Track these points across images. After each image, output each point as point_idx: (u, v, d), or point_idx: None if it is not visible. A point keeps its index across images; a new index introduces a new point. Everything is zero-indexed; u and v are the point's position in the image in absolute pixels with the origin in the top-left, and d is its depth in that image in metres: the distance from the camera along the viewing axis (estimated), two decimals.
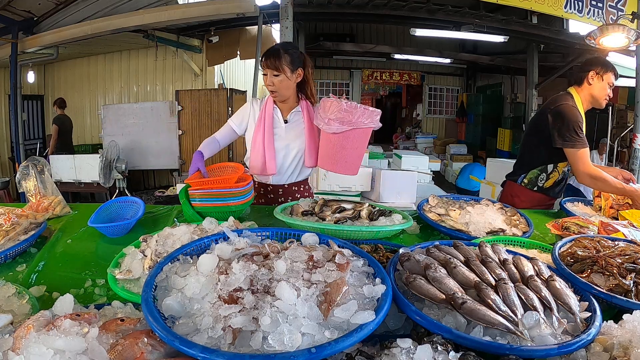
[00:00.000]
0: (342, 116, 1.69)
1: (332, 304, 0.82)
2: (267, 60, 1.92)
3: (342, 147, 1.76)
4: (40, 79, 8.02)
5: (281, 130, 2.05)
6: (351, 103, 1.71)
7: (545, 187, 2.31)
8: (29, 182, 1.79)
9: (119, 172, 5.36)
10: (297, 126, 2.06)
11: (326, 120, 1.71)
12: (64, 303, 0.90)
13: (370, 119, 1.74)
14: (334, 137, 1.74)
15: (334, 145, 1.77)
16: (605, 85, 2.12)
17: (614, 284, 1.08)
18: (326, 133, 1.76)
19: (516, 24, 6.08)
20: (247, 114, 2.07)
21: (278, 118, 2.06)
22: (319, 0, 5.75)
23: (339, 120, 1.69)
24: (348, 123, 1.70)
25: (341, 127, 1.70)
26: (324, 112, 1.73)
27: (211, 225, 1.33)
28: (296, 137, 2.06)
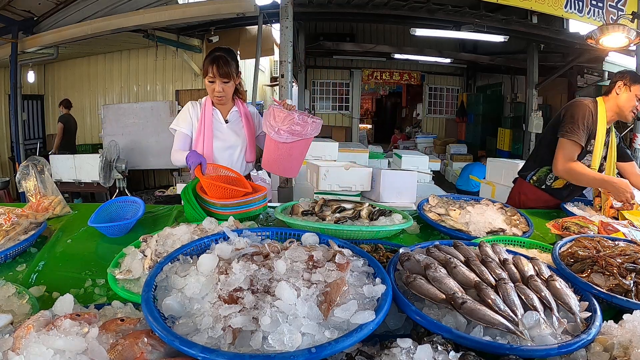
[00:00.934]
0: (293, 128, 1.81)
1: (332, 303, 0.82)
2: (219, 69, 1.98)
3: (290, 154, 1.91)
4: (40, 78, 8.01)
5: (223, 130, 2.14)
6: (302, 115, 1.84)
7: (553, 186, 2.26)
8: (29, 182, 1.79)
9: (119, 172, 5.36)
10: (237, 125, 2.18)
11: (276, 129, 1.80)
12: (64, 303, 0.90)
13: (315, 130, 1.90)
14: (283, 145, 1.86)
15: (282, 152, 1.89)
16: (633, 97, 2.06)
17: (614, 283, 1.08)
18: (274, 140, 1.85)
19: (516, 24, 6.07)
20: (189, 117, 2.09)
21: (218, 119, 2.14)
22: (319, 0, 5.74)
23: (289, 131, 1.81)
24: (297, 134, 1.83)
25: (291, 137, 1.83)
26: (274, 122, 1.81)
27: (211, 225, 1.33)
28: (237, 135, 2.17)
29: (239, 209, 1.64)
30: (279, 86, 3.97)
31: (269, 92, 12.75)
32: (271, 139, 1.87)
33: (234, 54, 2.08)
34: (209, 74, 2.00)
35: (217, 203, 1.64)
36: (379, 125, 15.12)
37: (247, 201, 1.66)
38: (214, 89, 2.02)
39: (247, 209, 1.67)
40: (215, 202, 1.65)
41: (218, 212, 1.64)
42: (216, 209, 1.66)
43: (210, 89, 2.04)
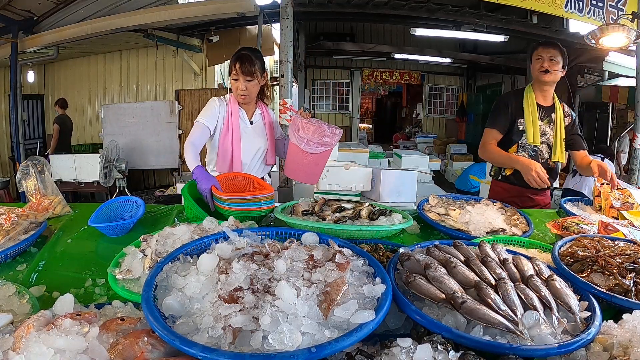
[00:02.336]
0: (324, 140, 1.89)
1: (332, 303, 0.82)
2: (241, 66, 1.99)
3: (317, 163, 2.00)
4: (40, 78, 8.01)
5: (248, 130, 2.14)
6: (330, 127, 1.91)
7: (506, 175, 2.33)
8: (29, 181, 1.79)
9: (119, 172, 5.36)
10: (260, 127, 2.19)
11: (306, 140, 1.88)
12: (64, 302, 0.91)
13: (338, 139, 1.97)
14: (311, 155, 1.93)
15: (310, 162, 1.96)
16: (535, 61, 2.24)
17: (613, 283, 1.08)
18: (302, 150, 1.92)
19: (516, 24, 6.07)
20: (216, 112, 2.06)
21: (244, 119, 2.14)
22: (319, 0, 5.74)
23: (320, 143, 1.89)
24: (327, 145, 1.91)
25: (321, 148, 1.90)
26: (304, 133, 1.88)
27: (211, 225, 1.33)
28: (260, 137, 2.18)
29: (245, 206, 1.61)
30: (279, 86, 3.97)
31: None
32: (298, 148, 1.92)
33: (259, 54, 2.09)
34: (233, 71, 2.01)
35: (225, 198, 1.61)
36: (379, 125, 15.12)
37: (254, 198, 1.61)
38: (237, 87, 2.03)
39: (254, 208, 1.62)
40: (223, 197, 1.61)
41: (224, 208, 1.61)
42: (222, 204, 1.62)
43: (235, 87, 2.04)
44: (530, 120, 2.23)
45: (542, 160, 2.27)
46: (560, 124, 2.27)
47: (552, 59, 2.19)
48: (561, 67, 2.23)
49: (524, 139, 2.26)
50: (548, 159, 2.30)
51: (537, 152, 2.28)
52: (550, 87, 2.28)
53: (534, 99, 2.25)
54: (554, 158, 2.27)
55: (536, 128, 2.23)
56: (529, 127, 2.23)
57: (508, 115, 2.26)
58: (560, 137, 2.27)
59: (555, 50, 2.21)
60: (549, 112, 2.28)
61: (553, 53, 2.20)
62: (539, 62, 2.22)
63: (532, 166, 2.01)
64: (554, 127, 2.27)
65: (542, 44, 2.26)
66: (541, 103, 2.28)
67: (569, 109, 2.34)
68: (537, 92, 2.27)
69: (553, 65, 2.19)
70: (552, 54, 2.20)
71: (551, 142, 2.28)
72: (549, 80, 2.22)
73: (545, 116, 2.28)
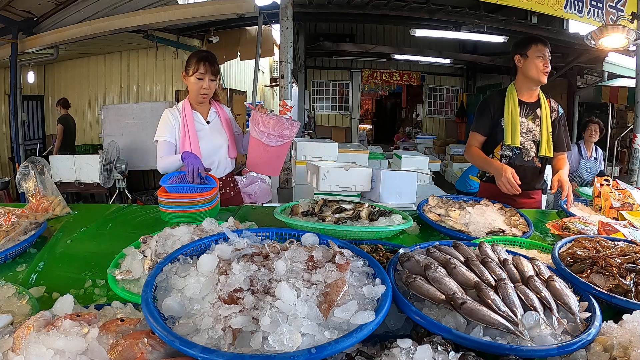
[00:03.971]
0: (284, 132, 1.99)
1: (332, 304, 0.82)
2: (210, 65, 2.06)
3: (278, 155, 2.12)
4: (40, 79, 8.01)
5: (206, 130, 2.18)
6: (290, 120, 2.02)
7: (490, 175, 2.26)
8: (29, 182, 1.79)
9: (119, 173, 5.35)
10: (217, 124, 2.24)
11: (267, 134, 1.98)
12: (64, 303, 0.91)
13: (297, 130, 2.07)
14: (272, 148, 2.03)
15: (271, 154, 2.07)
16: (533, 61, 2.13)
17: (613, 284, 1.08)
18: (263, 143, 2.01)
19: (516, 24, 6.07)
20: (172, 125, 2.11)
21: (200, 121, 2.18)
22: (319, 1, 5.75)
23: (280, 135, 1.99)
24: (287, 137, 2.02)
25: (281, 140, 2.01)
26: (264, 127, 1.97)
27: (211, 226, 1.33)
28: (219, 134, 2.23)
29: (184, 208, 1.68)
30: (278, 87, 3.97)
31: (268, 92, 12.75)
32: (260, 142, 2.00)
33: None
34: (200, 70, 2.04)
35: (163, 201, 1.69)
36: (378, 125, 15.12)
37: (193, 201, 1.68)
38: (201, 86, 2.07)
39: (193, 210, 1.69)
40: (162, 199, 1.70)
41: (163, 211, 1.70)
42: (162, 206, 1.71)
43: (197, 86, 2.08)
44: (509, 122, 2.19)
45: (529, 159, 2.23)
46: (547, 118, 2.20)
47: (549, 59, 2.13)
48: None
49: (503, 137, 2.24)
50: (534, 157, 2.24)
51: (521, 151, 2.23)
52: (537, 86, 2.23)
53: (515, 98, 2.20)
54: (542, 153, 2.20)
55: (516, 129, 2.18)
56: (508, 128, 2.19)
57: (490, 117, 2.24)
58: (547, 131, 2.20)
59: (548, 48, 2.14)
60: (533, 107, 2.22)
61: (549, 52, 2.13)
62: (541, 62, 2.12)
63: (502, 171, 1.97)
64: (539, 123, 2.21)
65: (541, 41, 2.14)
66: (525, 100, 2.22)
67: (556, 105, 2.27)
68: (523, 90, 2.22)
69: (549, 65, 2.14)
70: (549, 54, 2.13)
71: (537, 138, 2.22)
72: (545, 81, 2.16)
73: (529, 112, 2.22)
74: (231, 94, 6.81)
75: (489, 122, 2.25)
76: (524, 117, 2.21)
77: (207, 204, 1.72)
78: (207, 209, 1.72)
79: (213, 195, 1.76)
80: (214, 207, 1.79)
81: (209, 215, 1.63)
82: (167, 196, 1.71)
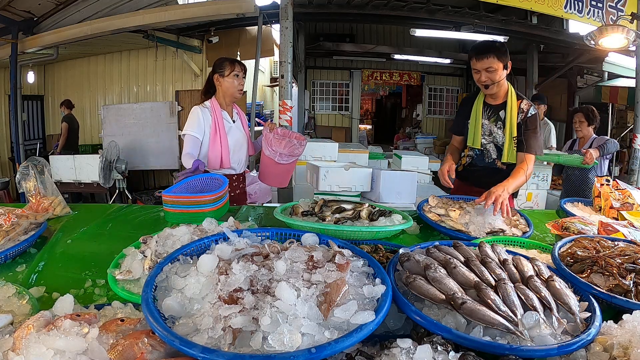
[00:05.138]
0: (294, 151, 2.26)
1: (332, 304, 0.82)
2: (242, 66, 2.30)
3: (287, 170, 2.39)
4: (40, 79, 8.00)
5: (233, 129, 2.36)
6: (300, 140, 2.28)
7: (459, 170, 2.35)
8: (29, 182, 1.79)
9: (119, 173, 5.35)
10: (240, 124, 2.44)
11: (279, 153, 2.22)
12: (64, 303, 0.91)
13: (305, 147, 2.35)
14: (283, 166, 2.28)
15: (282, 170, 2.33)
16: (473, 73, 2.13)
17: (613, 284, 1.08)
18: (275, 161, 2.27)
19: (516, 24, 6.07)
20: (202, 122, 2.25)
21: (227, 119, 2.35)
22: (319, 1, 5.74)
23: (290, 154, 2.25)
24: (296, 155, 2.29)
25: (292, 158, 2.29)
26: (277, 147, 2.22)
27: (211, 226, 1.33)
28: (242, 133, 2.43)
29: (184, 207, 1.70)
30: (278, 87, 3.97)
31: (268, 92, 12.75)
32: (272, 160, 2.25)
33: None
34: (236, 70, 2.26)
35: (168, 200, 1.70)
36: (378, 125, 15.11)
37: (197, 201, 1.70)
38: (239, 83, 2.29)
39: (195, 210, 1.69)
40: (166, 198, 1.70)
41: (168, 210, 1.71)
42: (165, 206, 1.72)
43: (235, 84, 2.28)
44: (472, 123, 2.21)
45: (490, 160, 2.20)
46: (511, 121, 2.10)
47: (489, 69, 2.02)
48: (503, 69, 2.05)
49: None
50: (496, 159, 2.19)
51: (482, 153, 2.22)
52: (499, 90, 2.13)
53: (481, 100, 2.21)
54: (503, 159, 2.13)
55: (477, 131, 2.19)
56: (470, 130, 2.22)
57: (461, 118, 2.29)
58: (510, 136, 2.11)
59: (489, 57, 2.01)
60: (496, 110, 2.16)
61: (488, 63, 2.01)
62: (476, 75, 2.09)
63: (442, 165, 2.14)
64: (502, 126, 2.14)
65: (475, 54, 2.06)
66: (490, 102, 2.19)
67: (527, 106, 2.11)
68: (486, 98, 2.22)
69: (492, 76, 2.03)
70: (488, 64, 2.01)
71: (499, 141, 2.16)
72: (492, 92, 2.12)
73: (492, 115, 2.17)
74: None
75: (460, 123, 2.32)
76: (486, 120, 2.19)
77: (212, 204, 1.71)
78: (213, 209, 1.71)
79: (219, 196, 1.75)
80: (221, 207, 1.78)
81: (216, 215, 1.64)
82: (172, 196, 1.70)
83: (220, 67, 2.27)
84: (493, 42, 2.08)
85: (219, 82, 2.29)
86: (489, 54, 2.01)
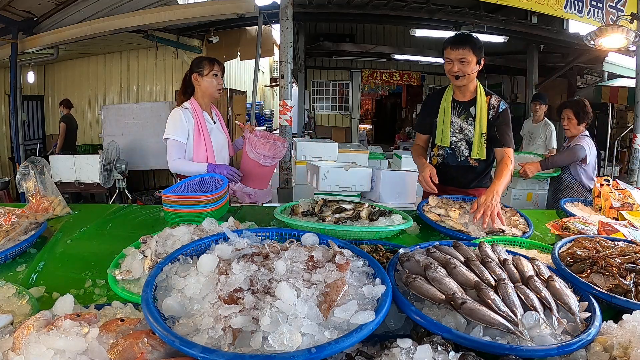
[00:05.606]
0: (277, 154, 2.31)
1: (332, 304, 0.82)
2: (220, 65, 2.26)
3: (269, 172, 2.44)
4: (40, 79, 8.00)
5: (214, 129, 2.35)
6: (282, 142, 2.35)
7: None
8: (29, 182, 1.79)
9: (119, 173, 5.35)
10: (219, 124, 2.42)
11: (263, 156, 2.26)
12: (64, 303, 0.91)
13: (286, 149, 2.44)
14: (267, 167, 2.33)
15: (265, 172, 2.38)
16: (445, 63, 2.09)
17: (613, 284, 1.08)
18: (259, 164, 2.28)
19: (516, 24, 6.08)
20: (184, 124, 2.21)
21: (209, 121, 2.33)
22: (319, 1, 5.75)
23: (274, 156, 2.30)
24: (278, 157, 2.35)
25: (274, 160, 2.33)
26: (261, 150, 2.27)
27: (211, 226, 1.33)
28: (223, 134, 2.42)
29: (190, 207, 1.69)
30: (278, 87, 3.97)
31: (268, 92, 12.74)
32: (257, 163, 2.27)
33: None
34: (214, 69, 2.22)
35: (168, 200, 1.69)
36: (378, 125, 15.11)
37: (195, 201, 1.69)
38: (218, 82, 2.25)
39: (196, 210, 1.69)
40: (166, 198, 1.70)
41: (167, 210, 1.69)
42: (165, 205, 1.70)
43: (214, 83, 2.24)
44: (441, 121, 2.17)
45: (462, 158, 2.18)
46: (481, 117, 2.09)
47: (463, 61, 2.00)
48: (476, 63, 2.03)
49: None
50: (468, 157, 2.17)
51: (454, 151, 2.19)
52: (467, 85, 2.11)
53: (450, 97, 2.16)
54: (473, 155, 2.13)
55: (446, 129, 2.15)
56: (439, 128, 2.17)
57: (427, 116, 2.24)
58: (479, 132, 2.10)
59: (464, 49, 1.99)
60: (467, 106, 2.14)
61: (463, 53, 2.00)
62: (448, 65, 2.06)
63: (421, 171, 2.02)
64: (472, 122, 2.12)
65: (451, 44, 2.04)
66: (459, 99, 2.15)
67: (497, 101, 2.11)
68: (455, 90, 2.17)
69: (464, 67, 2.01)
70: (462, 55, 2.00)
71: (470, 138, 2.14)
72: (461, 84, 2.08)
73: (462, 111, 2.15)
74: (231, 94, 6.81)
75: (427, 121, 2.26)
76: (456, 117, 2.16)
77: (212, 204, 1.70)
78: (213, 209, 1.70)
79: (219, 196, 1.75)
80: (221, 207, 1.78)
81: (216, 215, 1.64)
82: (172, 196, 1.70)
83: (198, 66, 2.23)
84: (470, 35, 2.08)
85: (198, 81, 2.25)
86: (465, 45, 2.00)
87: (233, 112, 6.88)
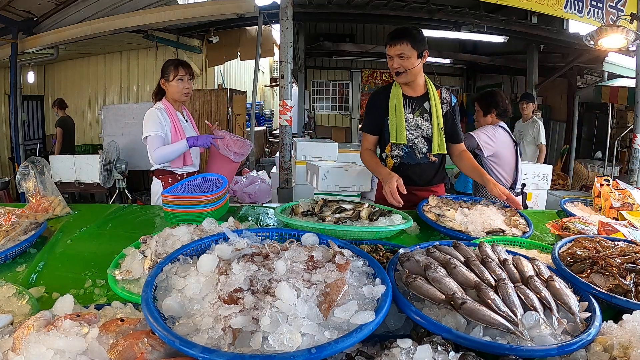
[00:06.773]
0: (244, 150, 2.58)
1: (332, 304, 0.82)
2: (186, 69, 2.35)
3: (237, 167, 2.69)
4: (40, 79, 8.01)
5: (187, 128, 2.47)
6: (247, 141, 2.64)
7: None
8: (29, 182, 1.79)
9: (119, 173, 5.35)
10: (190, 123, 2.56)
11: (233, 152, 2.51)
12: (64, 303, 0.91)
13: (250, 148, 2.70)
14: (235, 163, 2.58)
15: (234, 167, 2.63)
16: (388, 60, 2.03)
17: (613, 284, 1.08)
18: (230, 159, 2.53)
19: (516, 24, 6.07)
20: (162, 122, 2.31)
21: (182, 120, 2.46)
22: (319, 1, 5.75)
23: (242, 152, 2.57)
24: (245, 154, 2.63)
25: (242, 157, 2.61)
26: (232, 147, 2.52)
27: (211, 226, 1.33)
28: (194, 132, 2.54)
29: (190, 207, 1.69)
30: (278, 87, 3.96)
31: (268, 92, 12.74)
32: (229, 159, 2.50)
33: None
34: (180, 73, 2.32)
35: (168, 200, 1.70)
36: None
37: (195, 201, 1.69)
38: (184, 86, 2.36)
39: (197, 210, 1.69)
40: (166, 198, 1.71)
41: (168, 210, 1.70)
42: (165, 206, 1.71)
43: (180, 87, 2.35)
44: (394, 119, 2.07)
45: (421, 155, 2.11)
46: (437, 112, 2.06)
47: (402, 56, 1.95)
48: (417, 57, 1.98)
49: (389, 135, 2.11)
50: (427, 153, 2.12)
51: (412, 149, 2.11)
52: (414, 80, 2.05)
53: (399, 93, 2.08)
54: (434, 150, 2.09)
55: (401, 126, 2.06)
56: (392, 126, 2.07)
57: (376, 115, 2.13)
58: (437, 127, 2.07)
59: (402, 44, 1.94)
60: (420, 102, 2.08)
61: (401, 49, 1.94)
62: (389, 62, 2.01)
63: (386, 181, 1.84)
64: (429, 118, 2.08)
65: (389, 40, 1.98)
66: (409, 94, 2.09)
67: (448, 94, 2.12)
68: (403, 86, 2.09)
69: (404, 62, 1.96)
70: (400, 50, 1.94)
71: (428, 133, 2.09)
72: (404, 80, 2.03)
73: (416, 108, 2.09)
74: (231, 94, 6.82)
75: (376, 121, 2.14)
76: (410, 113, 2.08)
77: (212, 204, 1.70)
78: (212, 209, 1.70)
79: (219, 196, 1.75)
80: (221, 206, 1.78)
81: (216, 215, 1.64)
82: (172, 196, 1.70)
83: (165, 71, 2.34)
84: (409, 28, 2.00)
85: (165, 86, 2.37)
86: (402, 40, 1.94)
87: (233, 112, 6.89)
